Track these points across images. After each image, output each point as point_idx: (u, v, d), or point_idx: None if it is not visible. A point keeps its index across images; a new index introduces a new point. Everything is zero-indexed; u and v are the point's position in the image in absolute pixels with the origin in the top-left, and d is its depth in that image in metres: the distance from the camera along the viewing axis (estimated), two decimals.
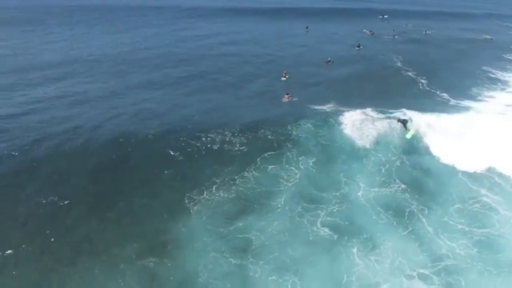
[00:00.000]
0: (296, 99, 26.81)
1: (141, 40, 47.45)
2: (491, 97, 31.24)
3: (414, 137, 20.98)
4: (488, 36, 57.53)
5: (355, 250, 14.76)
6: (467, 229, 15.74)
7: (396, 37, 55.29)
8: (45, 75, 31.46)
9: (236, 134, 20.51)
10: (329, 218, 15.60)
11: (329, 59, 38.14)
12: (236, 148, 19.17)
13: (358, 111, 23.39)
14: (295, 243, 14.75)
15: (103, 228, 14.67)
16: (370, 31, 56.99)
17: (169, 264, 13.74)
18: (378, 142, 20.10)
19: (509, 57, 46.16)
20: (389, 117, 22.67)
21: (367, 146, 19.74)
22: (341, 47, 46.66)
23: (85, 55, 38.48)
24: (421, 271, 14.24)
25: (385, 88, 31.01)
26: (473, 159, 19.05)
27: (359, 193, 16.69)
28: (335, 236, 15.13)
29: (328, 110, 24.53)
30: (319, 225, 15.34)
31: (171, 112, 24.00)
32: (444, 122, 22.71)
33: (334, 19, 70.73)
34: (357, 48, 46.34)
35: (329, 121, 22.21)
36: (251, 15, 72.92)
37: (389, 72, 36.64)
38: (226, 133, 20.58)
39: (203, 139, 19.94)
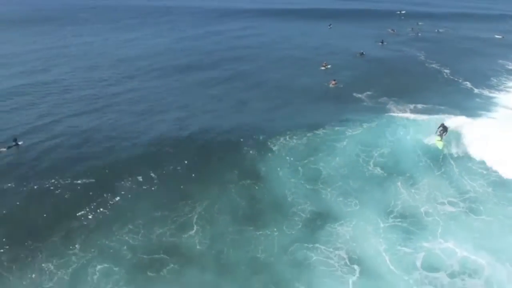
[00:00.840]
0: (341, 86, 31.63)
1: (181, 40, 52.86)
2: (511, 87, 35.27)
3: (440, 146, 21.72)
4: (498, 36, 61.28)
5: (399, 184, 19.48)
6: (485, 172, 20.32)
7: (419, 34, 59.69)
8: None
9: (299, 109, 26.12)
10: (380, 159, 20.48)
11: (362, 51, 42.88)
12: (304, 117, 24.20)
13: (398, 95, 28.98)
14: (353, 176, 19.57)
15: (215, 161, 19.66)
16: (392, 29, 61.49)
17: (262, 186, 18.63)
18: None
19: None
20: (432, 112, 26.22)
21: (414, 117, 24.50)
22: (365, 43, 51.17)
23: (143, 54, 43.72)
24: (450, 199, 18.88)
25: (416, 77, 36.13)
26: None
27: (408, 137, 21.64)
28: (385, 174, 19.93)
29: (372, 95, 29.71)
30: (372, 165, 20.20)
31: (239, 105, 27.88)
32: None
33: (352, 19, 74.96)
34: (380, 43, 50.94)
35: (378, 104, 27.73)
36: (275, 15, 77.64)
37: (415, 63, 41.46)
38: (290, 111, 26.08)
39: (273, 112, 25.32)
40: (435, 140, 21.78)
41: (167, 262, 14.52)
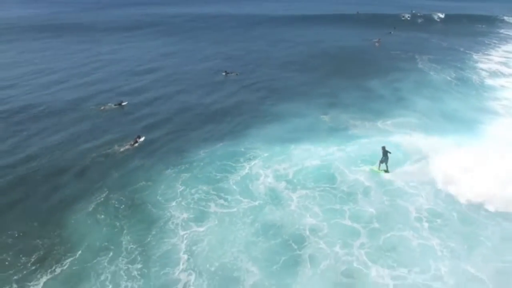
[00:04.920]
0: (382, 46, 52.55)
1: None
2: (490, 53, 54.77)
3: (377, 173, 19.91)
4: (483, 26, 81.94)
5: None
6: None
7: (419, 21, 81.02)
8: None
9: (370, 55, 46.58)
10: None
11: (390, 31, 64.05)
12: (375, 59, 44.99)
13: (418, 52, 49.73)
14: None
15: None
16: (407, 15, 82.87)
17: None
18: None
19: (494, 35, 70.75)
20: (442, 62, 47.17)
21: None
22: (384, 26, 70.93)
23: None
24: None
25: (425, 44, 57.07)
26: None
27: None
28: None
29: (402, 51, 50.88)
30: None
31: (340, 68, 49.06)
32: None
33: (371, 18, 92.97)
34: (394, 28, 71.55)
35: (408, 55, 48.75)
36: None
37: (422, 39, 62.34)
38: (366, 56, 46.44)
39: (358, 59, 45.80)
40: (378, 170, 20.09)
41: None
